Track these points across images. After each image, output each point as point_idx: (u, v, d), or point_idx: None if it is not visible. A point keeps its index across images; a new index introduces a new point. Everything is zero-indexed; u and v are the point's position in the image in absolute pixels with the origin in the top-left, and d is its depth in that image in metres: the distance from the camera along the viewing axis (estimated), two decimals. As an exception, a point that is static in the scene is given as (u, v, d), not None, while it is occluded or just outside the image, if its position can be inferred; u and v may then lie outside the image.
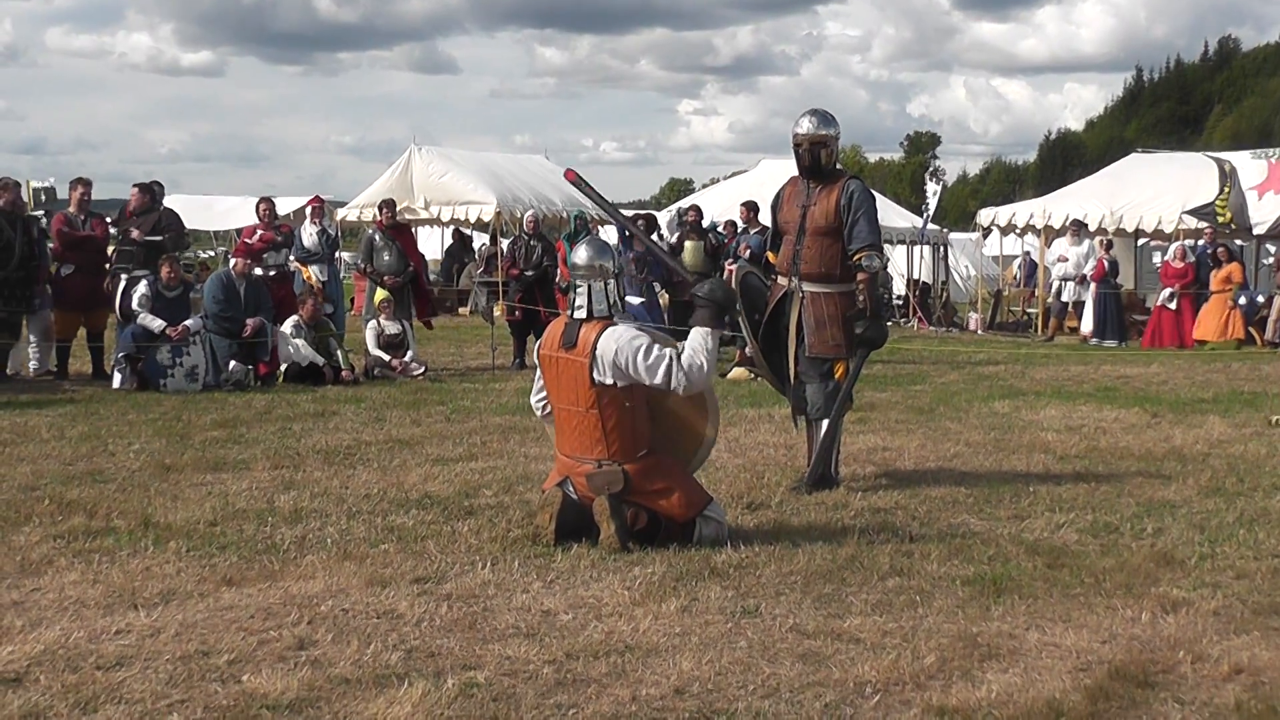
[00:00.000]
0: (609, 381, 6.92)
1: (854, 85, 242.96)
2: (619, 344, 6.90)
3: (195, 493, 8.49)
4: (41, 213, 17.14)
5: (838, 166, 9.04)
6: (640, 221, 19.49)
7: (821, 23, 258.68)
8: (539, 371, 7.39)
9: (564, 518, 6.99)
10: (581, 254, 7.30)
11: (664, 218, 25.28)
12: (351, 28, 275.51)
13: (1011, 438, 11.05)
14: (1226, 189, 23.67)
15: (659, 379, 6.90)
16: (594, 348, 6.93)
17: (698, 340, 7.07)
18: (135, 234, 15.27)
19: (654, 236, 19.98)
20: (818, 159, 8.80)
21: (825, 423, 8.73)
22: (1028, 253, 31.10)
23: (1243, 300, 22.49)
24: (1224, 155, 26.49)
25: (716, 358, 7.29)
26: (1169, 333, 22.63)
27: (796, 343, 8.76)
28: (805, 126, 8.80)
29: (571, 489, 7.11)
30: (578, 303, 7.19)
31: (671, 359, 6.93)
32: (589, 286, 7.16)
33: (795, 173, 9.03)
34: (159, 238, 15.39)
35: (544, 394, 7.42)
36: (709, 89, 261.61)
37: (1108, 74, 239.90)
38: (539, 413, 7.66)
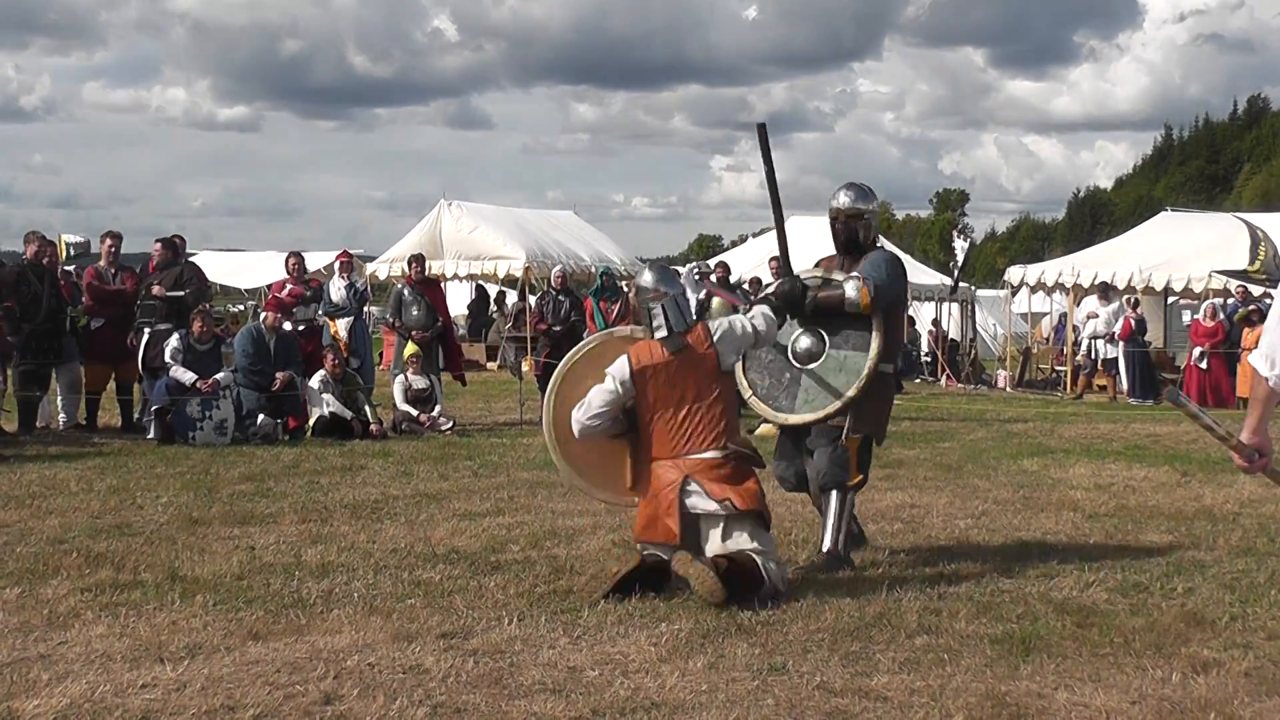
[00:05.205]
0: (733, 361, 7.60)
1: (886, 142, 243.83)
2: (727, 325, 7.58)
3: (222, 546, 8.50)
4: (72, 267, 17.25)
5: (876, 243, 8.53)
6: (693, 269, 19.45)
7: (855, 80, 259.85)
8: (604, 393, 7.43)
9: (632, 578, 7.04)
10: (647, 278, 7.72)
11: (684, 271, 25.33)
12: (386, 83, 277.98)
13: (1040, 496, 11.00)
14: (1260, 254, 23.64)
15: (757, 335, 7.72)
16: (713, 338, 7.46)
17: (760, 308, 7.99)
18: (157, 289, 15.34)
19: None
20: (854, 234, 8.33)
21: (835, 495, 8.05)
22: (1063, 315, 31.06)
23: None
24: (1254, 216, 26.47)
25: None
26: (1202, 391, 22.50)
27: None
28: (842, 200, 8.34)
29: (698, 487, 7.19)
30: (655, 324, 7.44)
31: (752, 318, 7.76)
32: (662, 307, 7.45)
33: (827, 230, 8.61)
34: (181, 293, 15.46)
35: (603, 411, 7.44)
36: (742, 145, 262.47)
37: (1141, 132, 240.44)
38: (585, 431, 7.53)
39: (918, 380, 28.41)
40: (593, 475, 7.84)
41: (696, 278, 19.80)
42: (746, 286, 20.17)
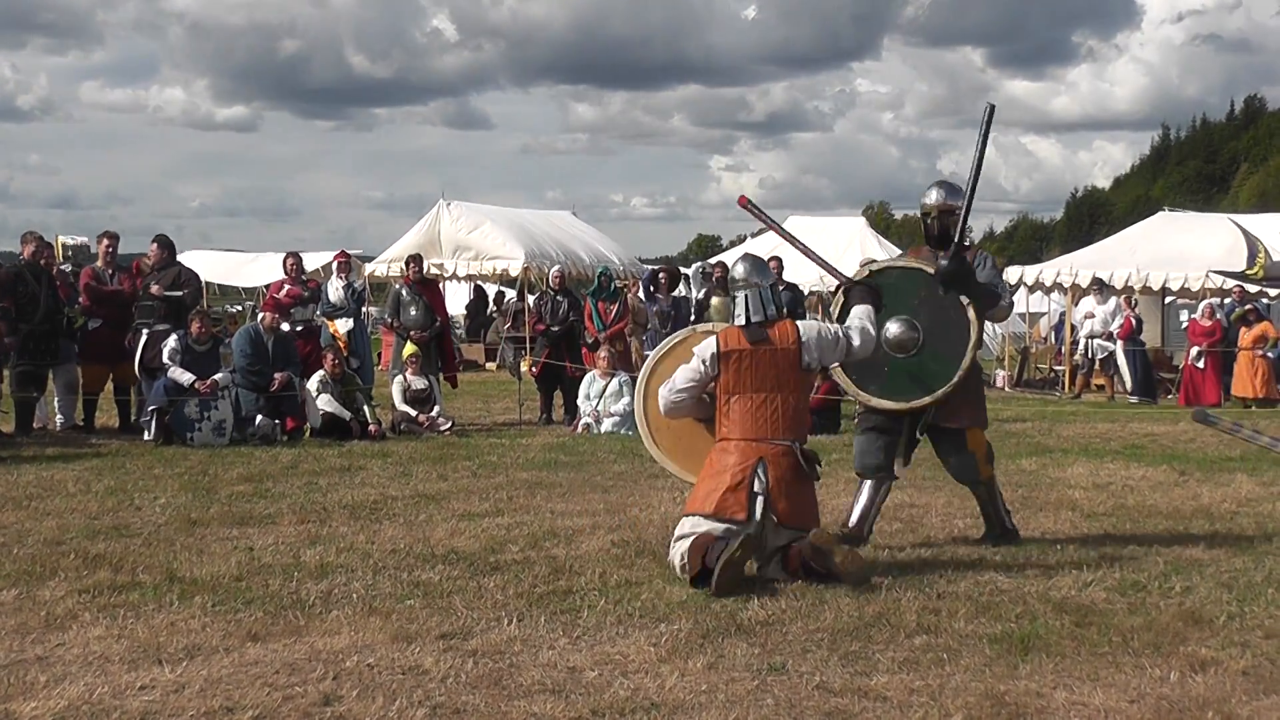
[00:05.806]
0: (814, 363, 7.86)
1: (885, 142, 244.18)
2: (816, 330, 7.92)
3: (221, 547, 8.50)
4: (69, 267, 17.19)
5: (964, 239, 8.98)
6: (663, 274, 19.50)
7: (854, 80, 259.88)
8: (689, 371, 7.86)
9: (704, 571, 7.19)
10: (740, 268, 8.12)
11: (689, 272, 25.34)
12: (385, 83, 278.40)
13: (1039, 495, 11.00)
14: (1260, 257, 23.69)
15: (846, 348, 7.95)
16: (799, 336, 7.76)
17: (860, 313, 8.15)
18: (155, 289, 15.33)
19: (679, 290, 20.01)
20: (946, 229, 8.79)
21: (980, 489, 8.94)
22: (1061, 314, 31.04)
23: (1272, 354, 22.42)
24: (1252, 216, 26.47)
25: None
26: (1199, 390, 22.53)
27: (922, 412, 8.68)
28: (934, 197, 8.85)
29: (763, 470, 7.50)
30: (737, 311, 7.87)
31: (849, 330, 8.00)
32: (745, 296, 7.87)
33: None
34: (179, 293, 15.45)
35: (688, 387, 7.87)
36: (741, 145, 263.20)
37: (1138, 132, 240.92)
38: (670, 406, 8.01)
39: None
40: (687, 463, 8.19)
41: (700, 276, 19.83)
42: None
